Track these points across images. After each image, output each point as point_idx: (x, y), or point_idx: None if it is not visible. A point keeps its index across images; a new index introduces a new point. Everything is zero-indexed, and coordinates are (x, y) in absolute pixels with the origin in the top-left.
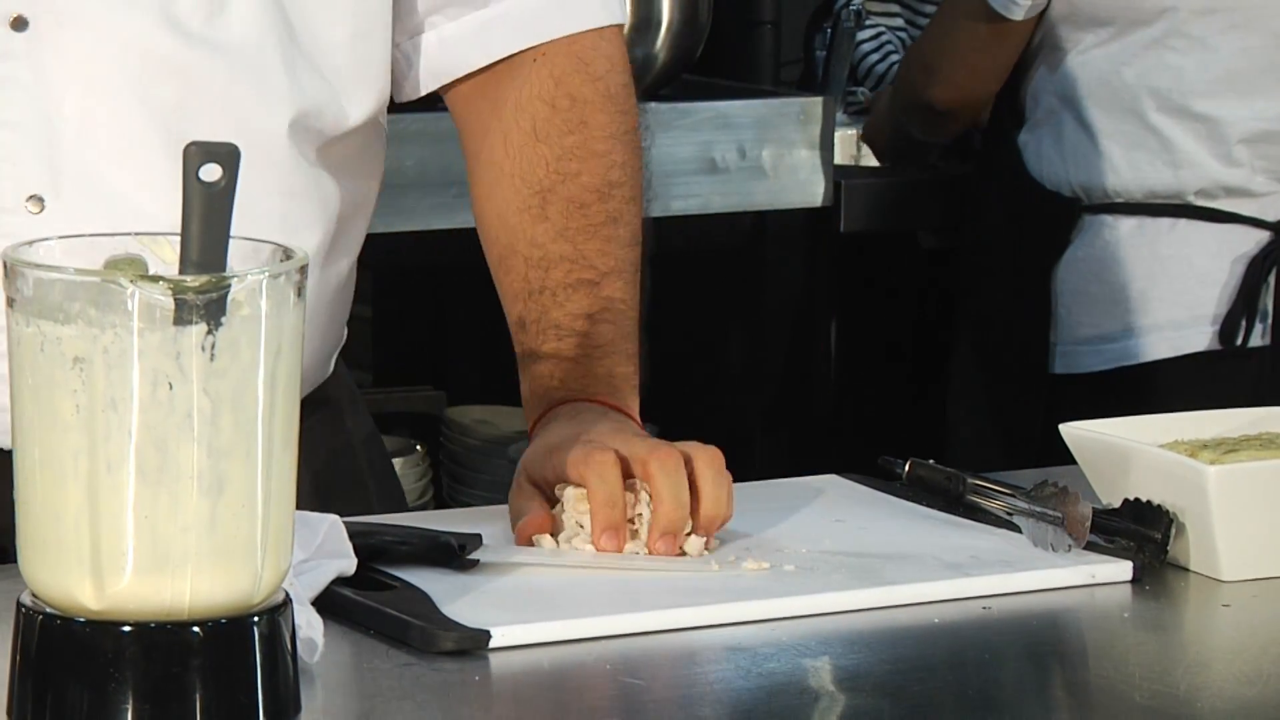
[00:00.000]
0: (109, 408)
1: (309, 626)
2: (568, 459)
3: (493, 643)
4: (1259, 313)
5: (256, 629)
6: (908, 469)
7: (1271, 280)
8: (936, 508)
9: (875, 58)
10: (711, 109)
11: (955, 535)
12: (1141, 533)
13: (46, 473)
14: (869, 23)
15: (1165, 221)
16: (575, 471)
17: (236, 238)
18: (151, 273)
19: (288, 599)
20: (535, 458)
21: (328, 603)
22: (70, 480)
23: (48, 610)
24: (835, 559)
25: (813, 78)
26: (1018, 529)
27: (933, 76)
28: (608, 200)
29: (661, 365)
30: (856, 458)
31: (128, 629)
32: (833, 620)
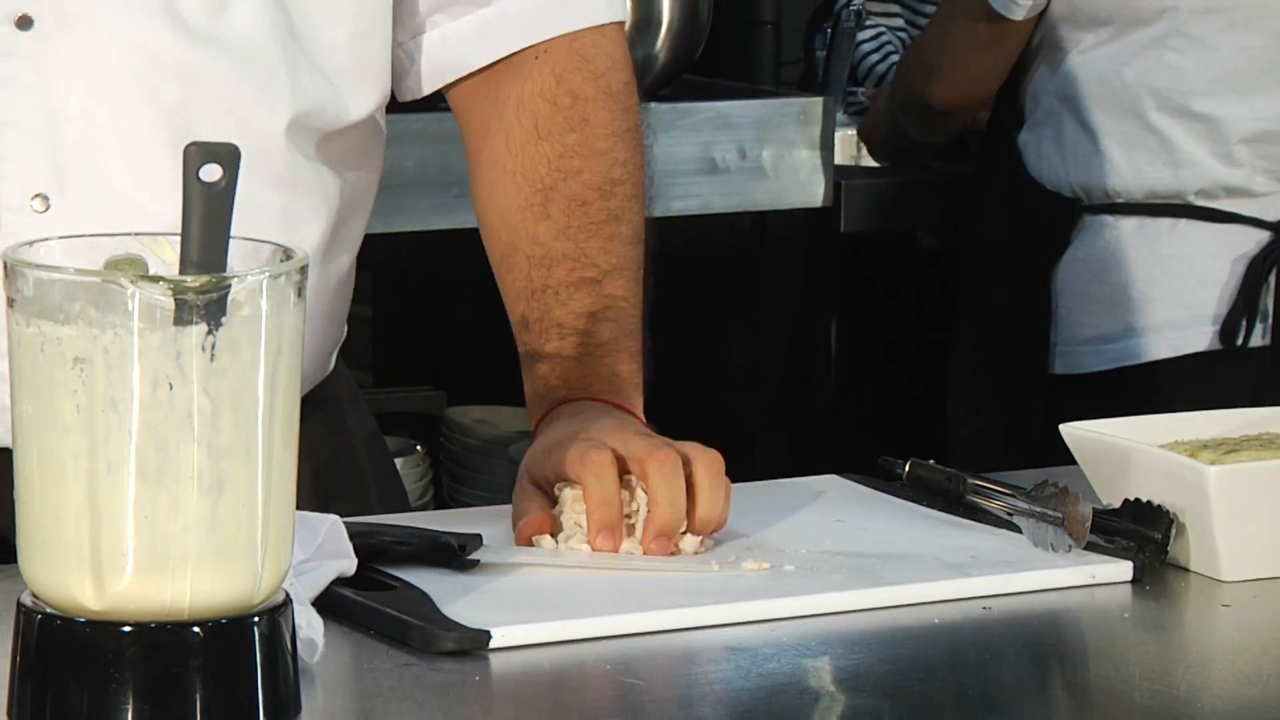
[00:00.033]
0: (109, 408)
1: (309, 627)
2: (565, 458)
3: (493, 643)
4: (1259, 313)
5: (257, 629)
6: (908, 469)
7: (1272, 280)
8: (937, 508)
9: (875, 58)
10: (712, 109)
11: (955, 535)
12: (1142, 533)
13: (47, 473)
14: (869, 23)
15: (1165, 221)
16: (572, 470)
17: (237, 238)
18: (152, 273)
19: (288, 599)
20: (535, 457)
21: (328, 603)
22: (70, 480)
23: (48, 610)
24: (835, 559)
25: (813, 78)
26: (1018, 529)
27: (932, 76)
28: (609, 198)
29: (661, 365)
30: (856, 458)
31: (128, 629)
32: (833, 620)
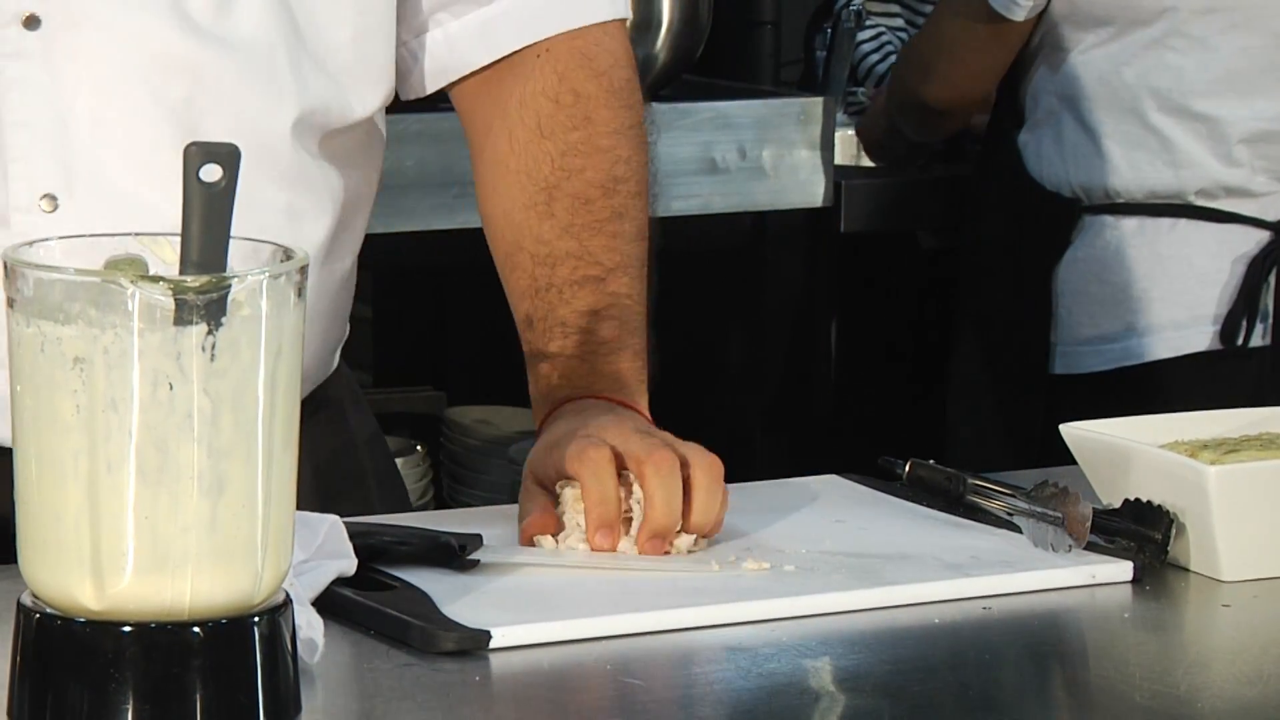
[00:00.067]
0: (109, 408)
1: (309, 627)
2: (564, 455)
3: (493, 643)
4: (1259, 313)
5: (257, 629)
6: (908, 469)
7: (1272, 280)
8: (937, 508)
9: (875, 58)
10: (712, 109)
11: (955, 535)
12: (1142, 533)
13: (47, 473)
14: (869, 23)
15: (1165, 221)
16: (570, 468)
17: (237, 238)
18: (152, 273)
19: (288, 599)
20: (537, 456)
21: (328, 603)
22: (70, 480)
23: (48, 610)
24: (835, 559)
25: (813, 78)
26: (1018, 529)
27: (928, 75)
28: (612, 195)
29: (661, 365)
30: (857, 458)
31: (128, 629)
32: (833, 620)
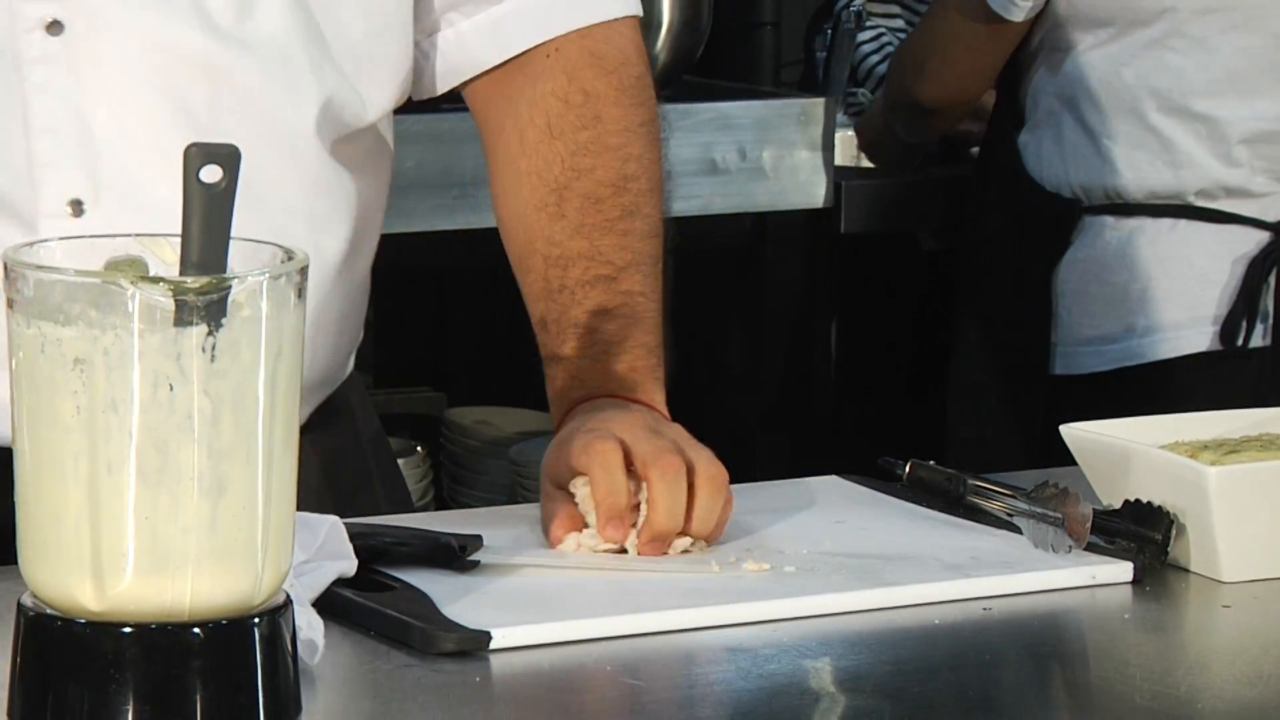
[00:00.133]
0: (109, 409)
1: (309, 628)
2: (573, 451)
3: (493, 644)
4: (1259, 313)
5: (257, 630)
6: (908, 470)
7: (1272, 280)
8: (937, 509)
9: (875, 58)
10: (712, 110)
11: (956, 536)
12: (1142, 534)
13: (47, 474)
14: (869, 23)
15: (1165, 222)
16: (579, 462)
17: (237, 239)
18: (152, 274)
19: (288, 600)
20: (549, 457)
21: (328, 604)
22: (71, 481)
23: (48, 611)
24: (835, 560)
25: (813, 79)
26: (1018, 530)
27: (922, 74)
28: (623, 194)
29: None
30: (857, 458)
31: (128, 630)
32: (833, 621)
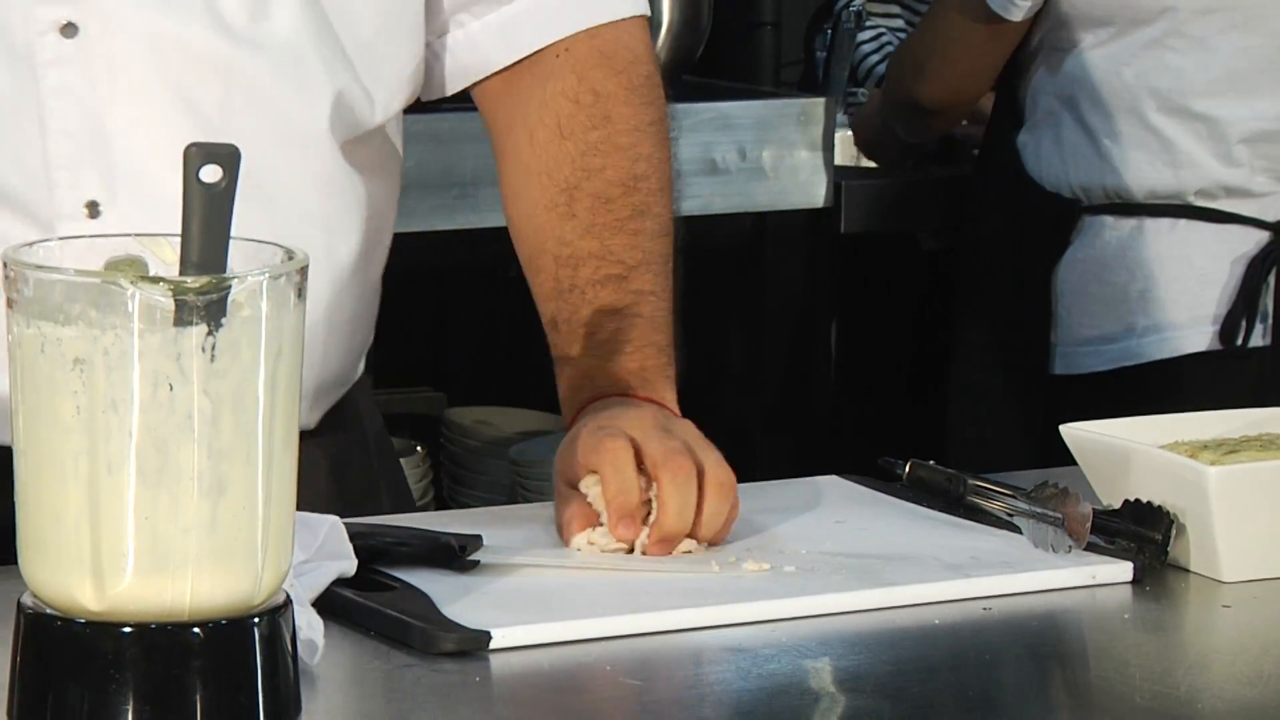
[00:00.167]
0: (109, 409)
1: (309, 628)
2: (584, 449)
3: (493, 644)
4: (1259, 313)
5: (257, 630)
6: (908, 470)
7: (1271, 280)
8: (937, 508)
9: (875, 58)
10: (712, 110)
11: (956, 536)
12: (1142, 534)
13: (47, 474)
14: (869, 23)
15: (1165, 222)
16: (590, 461)
17: (237, 238)
18: (152, 274)
19: (288, 600)
20: (560, 456)
21: (328, 604)
22: (71, 481)
23: (48, 611)
24: (835, 560)
25: (813, 78)
26: (1018, 530)
27: (922, 74)
28: (633, 193)
29: None
30: (857, 458)
31: (128, 630)
32: (833, 621)
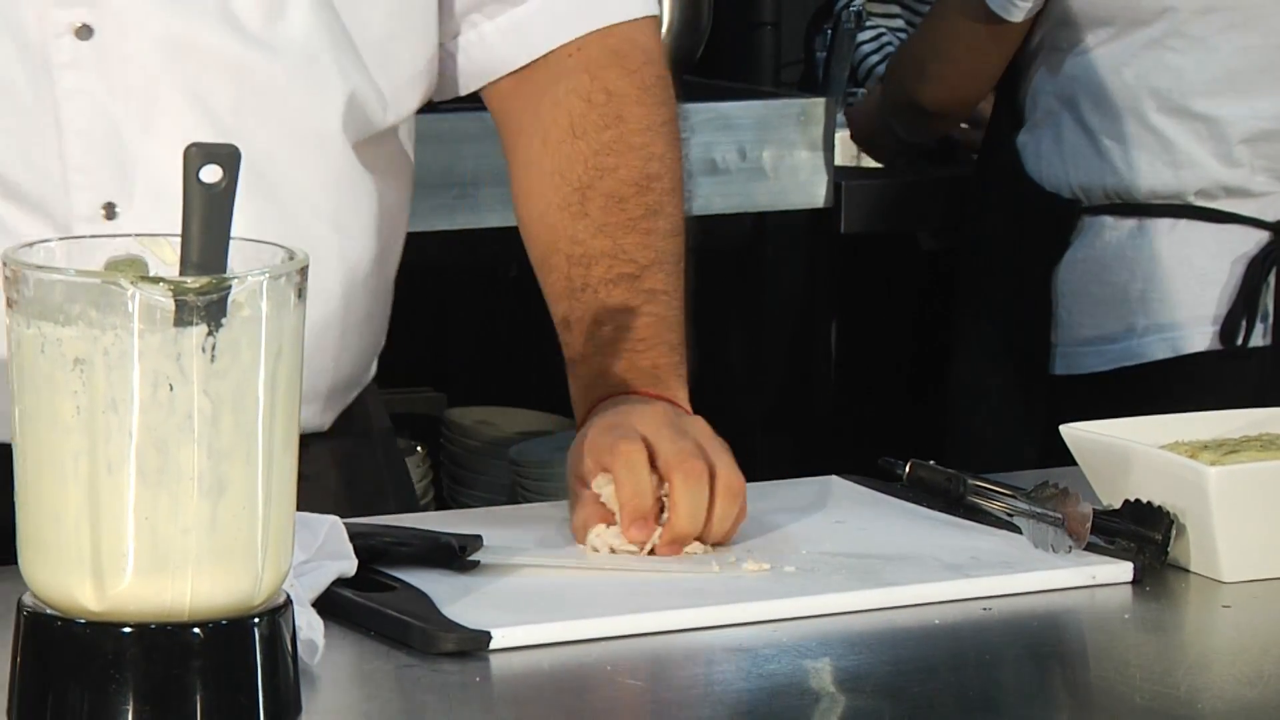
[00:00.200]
0: (109, 409)
1: (310, 628)
2: (597, 449)
3: (493, 644)
4: (1259, 313)
5: (257, 630)
6: (908, 470)
7: (1271, 280)
8: (937, 509)
9: (875, 58)
10: (712, 110)
11: (956, 536)
12: (1142, 534)
13: (47, 474)
14: (869, 23)
15: (1165, 222)
16: (603, 461)
17: (238, 239)
18: (152, 274)
19: (288, 600)
20: (573, 454)
21: (328, 604)
22: (71, 481)
23: (48, 611)
24: (836, 560)
25: (813, 79)
26: (1018, 530)
27: (923, 75)
28: (646, 193)
29: None
30: (857, 458)
31: (128, 630)
32: (833, 621)
